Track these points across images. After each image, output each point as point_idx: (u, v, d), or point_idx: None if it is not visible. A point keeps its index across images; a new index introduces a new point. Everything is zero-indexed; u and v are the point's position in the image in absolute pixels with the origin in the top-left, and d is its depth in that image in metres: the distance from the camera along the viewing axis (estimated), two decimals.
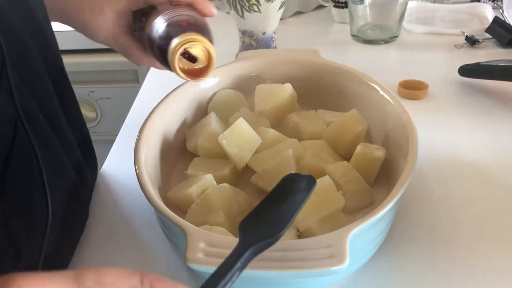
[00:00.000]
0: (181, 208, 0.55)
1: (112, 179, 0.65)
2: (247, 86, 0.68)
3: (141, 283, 0.26)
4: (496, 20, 0.95)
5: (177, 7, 0.56)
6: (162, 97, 0.62)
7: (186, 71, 0.52)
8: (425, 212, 0.57)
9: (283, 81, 0.67)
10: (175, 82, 0.65)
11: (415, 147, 0.52)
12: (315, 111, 0.67)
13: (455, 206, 0.58)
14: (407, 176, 0.48)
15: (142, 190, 0.49)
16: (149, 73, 0.91)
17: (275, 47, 0.88)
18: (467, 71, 0.81)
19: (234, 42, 0.89)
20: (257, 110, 0.65)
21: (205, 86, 0.67)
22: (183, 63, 0.52)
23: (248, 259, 0.36)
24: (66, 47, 1.10)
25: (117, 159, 0.69)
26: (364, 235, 0.45)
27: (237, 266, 0.34)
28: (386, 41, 0.97)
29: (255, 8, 0.81)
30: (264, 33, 0.85)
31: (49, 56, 0.53)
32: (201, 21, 0.55)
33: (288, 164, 0.55)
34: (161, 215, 0.47)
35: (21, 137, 0.44)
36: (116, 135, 0.74)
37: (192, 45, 0.50)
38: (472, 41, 0.94)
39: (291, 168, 0.55)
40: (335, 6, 1.06)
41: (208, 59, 0.52)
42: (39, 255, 0.46)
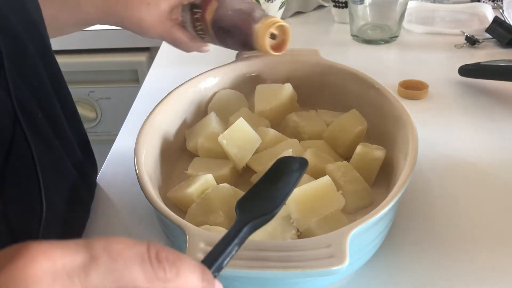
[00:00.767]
0: (181, 208, 0.55)
1: (112, 179, 0.65)
2: (247, 86, 0.68)
3: (147, 251, 0.27)
4: (496, 20, 0.95)
5: None
6: (162, 97, 0.62)
7: (272, 47, 0.62)
8: (425, 212, 0.57)
9: (283, 81, 0.67)
10: (175, 82, 0.65)
11: (415, 147, 0.52)
12: (315, 111, 0.67)
13: (455, 206, 0.58)
14: (407, 176, 0.48)
15: (142, 190, 0.49)
16: (149, 73, 0.91)
17: None
18: (467, 71, 0.81)
19: None
20: (257, 110, 0.65)
21: (205, 86, 0.67)
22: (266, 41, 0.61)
23: (246, 235, 0.37)
24: (66, 47, 1.10)
25: (117, 159, 0.69)
26: (364, 235, 0.45)
27: (235, 242, 0.35)
28: (386, 41, 0.97)
29: None
30: None
31: (47, 56, 0.53)
32: (257, 4, 0.64)
33: None
34: (161, 215, 0.47)
35: (18, 134, 0.44)
36: (116, 135, 0.74)
37: (275, 25, 0.60)
38: (472, 41, 0.94)
39: None
40: (335, 6, 1.06)
41: (283, 33, 0.62)
42: None
